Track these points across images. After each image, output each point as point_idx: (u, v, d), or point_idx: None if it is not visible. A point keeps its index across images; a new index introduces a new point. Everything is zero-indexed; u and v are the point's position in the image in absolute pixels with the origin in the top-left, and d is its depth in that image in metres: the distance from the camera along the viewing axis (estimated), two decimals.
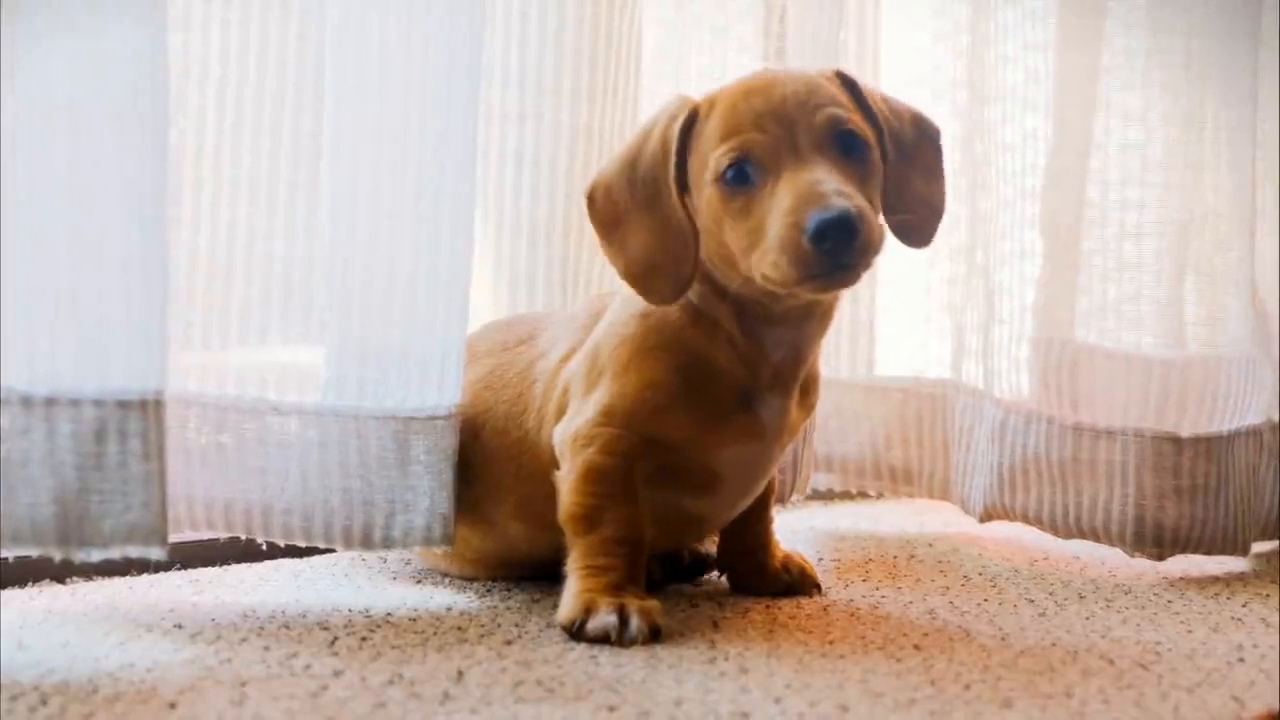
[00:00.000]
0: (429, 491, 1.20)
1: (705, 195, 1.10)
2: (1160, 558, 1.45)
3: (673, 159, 1.12)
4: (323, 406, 1.19)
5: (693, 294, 1.15)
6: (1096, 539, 1.47)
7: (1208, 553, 1.45)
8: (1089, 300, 1.52)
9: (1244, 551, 1.48)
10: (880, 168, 1.12)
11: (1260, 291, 1.57)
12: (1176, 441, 1.44)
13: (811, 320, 1.16)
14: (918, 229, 1.18)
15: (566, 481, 1.15)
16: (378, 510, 1.20)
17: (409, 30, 1.17)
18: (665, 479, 1.16)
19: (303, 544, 1.21)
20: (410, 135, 1.18)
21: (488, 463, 1.23)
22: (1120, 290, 1.50)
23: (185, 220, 1.20)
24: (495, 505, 1.23)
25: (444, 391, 1.20)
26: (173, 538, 1.29)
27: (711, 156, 1.09)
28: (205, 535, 1.29)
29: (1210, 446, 1.45)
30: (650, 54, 1.53)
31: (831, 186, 1.04)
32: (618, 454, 1.14)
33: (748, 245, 1.07)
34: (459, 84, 1.19)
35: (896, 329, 1.73)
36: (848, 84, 1.14)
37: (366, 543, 1.20)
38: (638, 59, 1.49)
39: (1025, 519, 1.50)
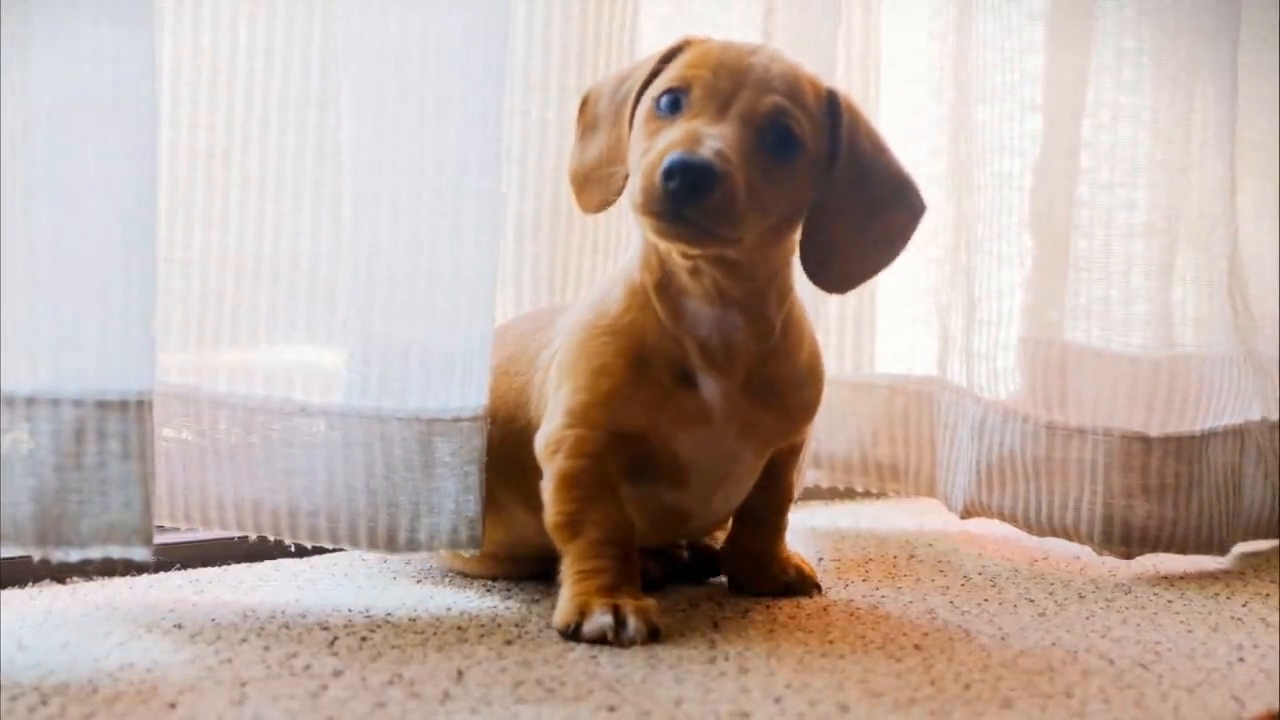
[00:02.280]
0: (454, 494, 1.20)
1: (641, 113, 1.12)
2: (1128, 556, 1.45)
3: (643, 79, 1.14)
4: (348, 408, 1.19)
5: (635, 269, 1.16)
6: (1067, 537, 1.47)
7: (1180, 552, 1.45)
8: (1068, 299, 1.52)
9: (1221, 551, 1.48)
10: (804, 181, 1.11)
11: (1248, 291, 1.57)
12: (1145, 441, 1.44)
13: (730, 307, 1.14)
14: (833, 275, 1.16)
15: (546, 491, 1.15)
16: (402, 512, 1.19)
17: (430, 26, 1.17)
18: (639, 473, 1.16)
19: (329, 545, 1.21)
20: (431, 131, 1.18)
21: (500, 448, 1.23)
22: (1094, 290, 1.50)
23: (215, 220, 1.21)
24: (505, 491, 1.23)
25: (468, 392, 1.20)
26: (175, 537, 1.31)
27: (661, 79, 1.11)
28: (212, 534, 1.29)
29: (1180, 446, 1.45)
30: (648, 50, 1.53)
31: (713, 142, 1.04)
32: (587, 455, 1.14)
33: (635, 168, 1.09)
34: (480, 80, 1.18)
35: (886, 326, 1.73)
36: (831, 104, 1.14)
37: (392, 545, 1.20)
38: (630, 57, 1.49)
39: (1001, 516, 1.51)
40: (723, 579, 1.32)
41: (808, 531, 1.60)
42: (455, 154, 1.18)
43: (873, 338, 1.69)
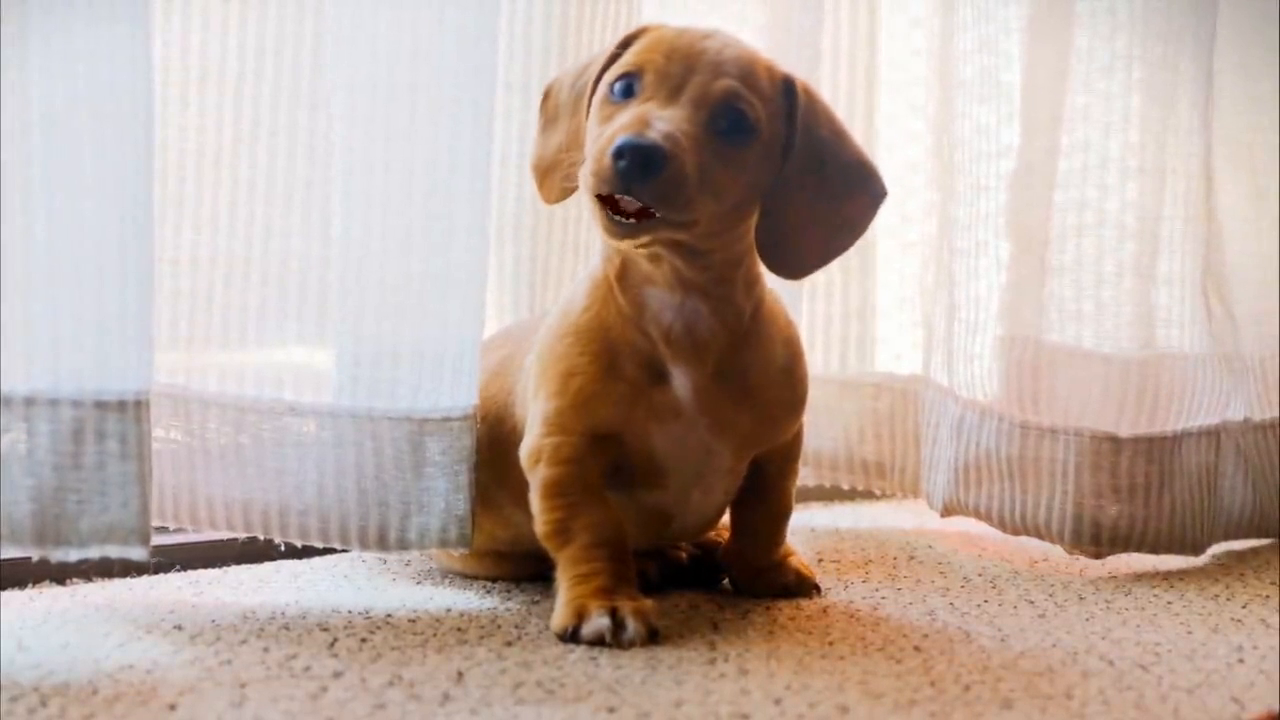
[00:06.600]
0: (444, 493, 1.20)
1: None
2: (1098, 556, 1.46)
3: (599, 68, 1.14)
4: (338, 407, 1.19)
5: (599, 263, 1.16)
6: (1039, 536, 1.48)
7: (1152, 551, 1.46)
8: (1044, 299, 1.52)
9: (1195, 551, 1.49)
10: (758, 166, 1.11)
11: (1229, 292, 1.57)
12: (1115, 441, 1.45)
13: (693, 294, 1.13)
14: (787, 260, 1.15)
15: (533, 501, 1.15)
16: (393, 511, 1.20)
17: (421, 27, 1.17)
18: (618, 477, 1.16)
19: (320, 545, 1.22)
20: (422, 133, 1.18)
21: (492, 448, 1.23)
22: (1068, 290, 1.50)
23: (205, 221, 1.21)
24: (499, 490, 1.24)
25: (458, 392, 1.20)
26: (175, 538, 1.31)
27: (615, 66, 1.11)
28: (212, 535, 1.29)
29: (1151, 446, 1.46)
30: None
31: (661, 124, 1.04)
32: (567, 460, 1.14)
33: (588, 153, 1.08)
34: (471, 81, 1.19)
35: (886, 326, 1.73)
36: (787, 90, 1.13)
37: (382, 544, 1.20)
38: None
39: (978, 515, 1.51)
40: (723, 582, 1.32)
41: (807, 532, 1.60)
42: (446, 155, 1.18)
43: (871, 336, 1.70)
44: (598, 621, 1.08)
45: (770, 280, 1.19)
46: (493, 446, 1.23)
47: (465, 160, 1.19)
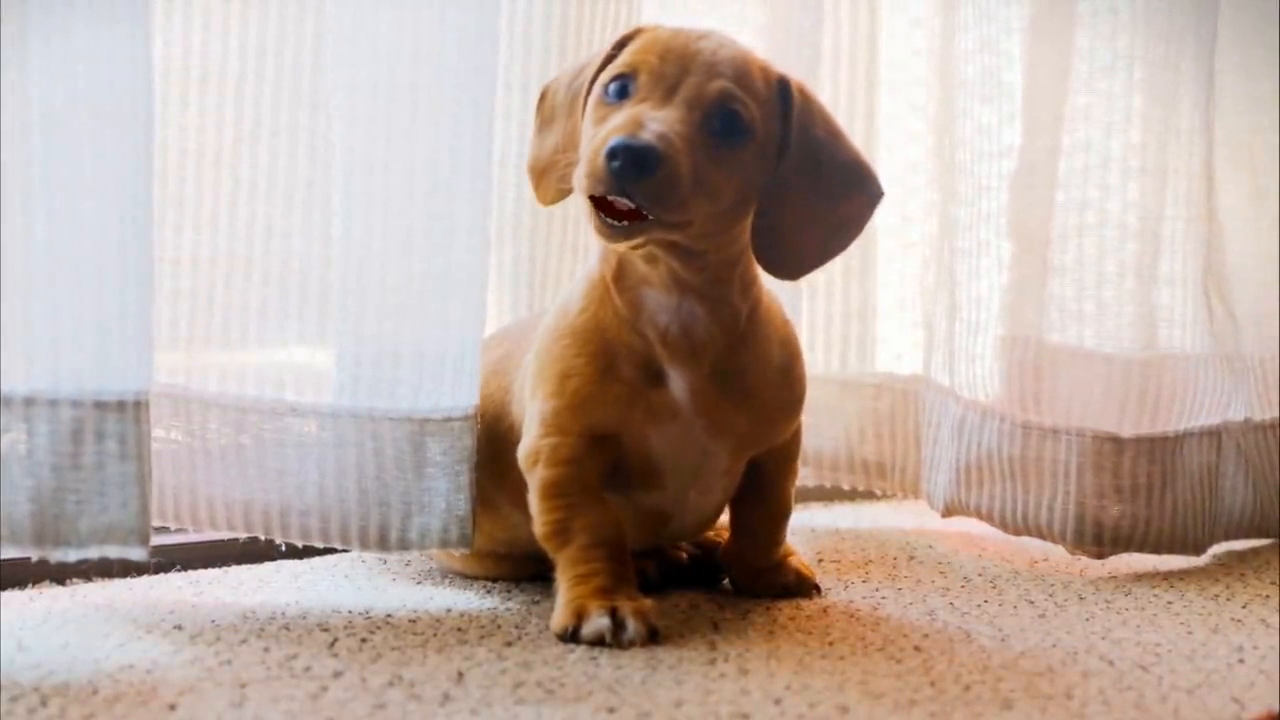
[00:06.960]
0: (445, 494, 1.20)
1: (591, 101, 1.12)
2: (1100, 556, 1.47)
3: (595, 69, 1.13)
4: (339, 408, 1.19)
5: (596, 263, 1.16)
6: (1041, 536, 1.48)
7: (1154, 551, 1.47)
8: (1046, 299, 1.52)
9: (1196, 551, 1.49)
10: (753, 166, 1.10)
11: (1230, 292, 1.57)
12: (1117, 441, 1.45)
13: (689, 295, 1.13)
14: (783, 261, 1.15)
15: (532, 502, 1.15)
16: (394, 512, 1.20)
17: (422, 27, 1.17)
18: (615, 478, 1.16)
19: (320, 545, 1.22)
20: (423, 133, 1.18)
21: (489, 446, 1.23)
22: (1070, 290, 1.51)
23: (206, 221, 1.21)
24: (496, 489, 1.24)
25: (459, 392, 1.20)
26: (175, 538, 1.31)
27: (610, 67, 1.11)
28: (212, 535, 1.29)
29: (1153, 447, 1.46)
30: None
31: (655, 125, 1.04)
32: (566, 461, 1.14)
33: (583, 154, 1.08)
34: (472, 81, 1.19)
35: (887, 326, 1.73)
36: (782, 90, 1.13)
37: (383, 544, 1.20)
38: None
39: (979, 515, 1.52)
40: (723, 582, 1.32)
41: (807, 532, 1.60)
42: (447, 155, 1.18)
43: (872, 336, 1.69)
44: (598, 621, 1.08)
45: (769, 281, 1.19)
46: (490, 445, 1.23)
47: (466, 160, 1.19)
